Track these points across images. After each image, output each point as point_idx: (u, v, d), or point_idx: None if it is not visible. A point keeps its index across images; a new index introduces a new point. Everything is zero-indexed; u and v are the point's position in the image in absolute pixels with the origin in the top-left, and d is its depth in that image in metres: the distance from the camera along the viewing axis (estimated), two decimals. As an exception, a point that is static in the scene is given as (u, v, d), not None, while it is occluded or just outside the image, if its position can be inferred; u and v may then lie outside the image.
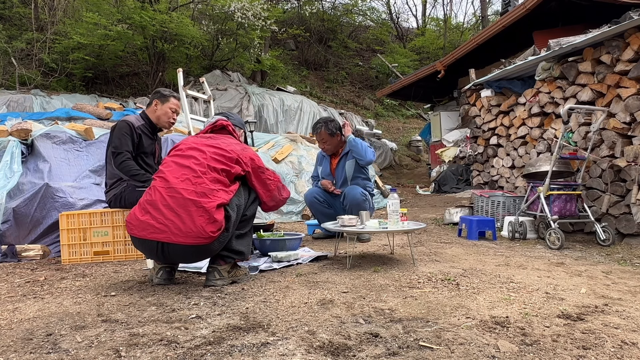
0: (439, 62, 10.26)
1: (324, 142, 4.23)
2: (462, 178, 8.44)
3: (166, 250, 2.42)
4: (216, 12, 12.95)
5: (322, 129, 4.18)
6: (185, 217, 2.37)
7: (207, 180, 2.45)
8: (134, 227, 2.46)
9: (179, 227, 2.36)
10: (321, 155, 4.47)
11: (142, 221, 2.43)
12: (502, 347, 1.64)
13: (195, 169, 2.49)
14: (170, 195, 2.43)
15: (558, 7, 7.55)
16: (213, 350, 1.63)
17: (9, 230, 3.86)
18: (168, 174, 2.51)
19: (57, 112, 7.56)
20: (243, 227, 2.64)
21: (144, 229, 2.42)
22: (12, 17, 13.15)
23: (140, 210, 2.47)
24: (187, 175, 2.48)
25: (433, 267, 3.01)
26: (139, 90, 13.56)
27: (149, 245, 2.43)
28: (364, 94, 18.23)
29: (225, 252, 2.57)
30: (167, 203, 2.41)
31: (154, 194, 2.48)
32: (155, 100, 3.55)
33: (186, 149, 2.63)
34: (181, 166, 2.53)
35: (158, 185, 2.50)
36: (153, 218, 2.41)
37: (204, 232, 2.35)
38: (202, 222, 2.35)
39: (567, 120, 4.10)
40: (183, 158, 2.58)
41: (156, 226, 2.39)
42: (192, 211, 2.37)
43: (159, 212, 2.41)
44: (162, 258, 2.51)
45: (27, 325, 1.99)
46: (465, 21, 25.69)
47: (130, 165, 3.33)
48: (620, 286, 2.55)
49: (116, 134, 3.38)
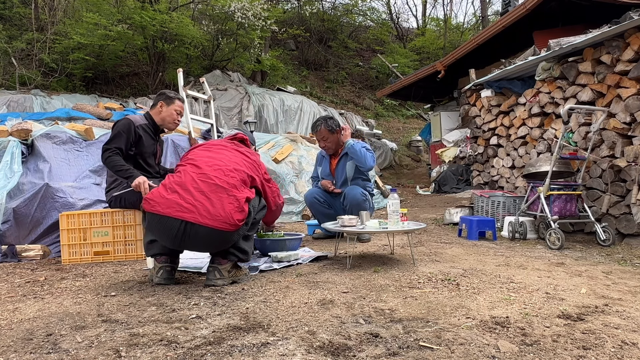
0: (439, 62, 10.27)
1: (325, 140, 4.21)
2: (462, 178, 8.45)
3: (188, 232, 2.40)
4: (216, 12, 12.96)
5: (322, 126, 4.17)
6: (215, 201, 2.43)
7: (237, 176, 2.58)
8: (157, 204, 2.43)
9: (207, 209, 2.40)
10: (321, 156, 4.46)
11: (168, 199, 2.43)
12: (502, 347, 1.64)
13: (227, 163, 2.63)
14: (202, 180, 2.50)
15: (558, 7, 7.55)
16: (213, 351, 1.63)
17: (9, 231, 3.86)
18: (200, 162, 2.61)
19: (57, 112, 7.55)
20: (250, 230, 2.71)
21: (169, 206, 2.41)
22: (12, 17, 13.16)
23: (166, 190, 2.48)
24: (219, 166, 2.59)
25: (433, 267, 3.01)
26: (139, 90, 13.57)
27: (171, 224, 2.41)
28: (364, 94, 18.23)
29: (232, 249, 2.60)
30: (197, 186, 2.47)
31: (185, 176, 2.52)
32: (160, 102, 3.55)
33: (216, 148, 2.77)
34: (213, 158, 2.66)
35: (189, 170, 2.56)
36: (181, 197, 2.43)
37: (232, 218, 2.41)
38: (232, 209, 2.43)
39: (567, 121, 4.10)
40: (214, 153, 2.72)
41: (184, 205, 2.41)
42: (223, 197, 2.45)
43: (188, 192, 2.45)
44: (179, 241, 2.46)
45: (27, 325, 1.99)
46: (466, 21, 25.74)
47: (116, 160, 3.23)
48: (620, 286, 2.55)
49: (113, 131, 3.38)
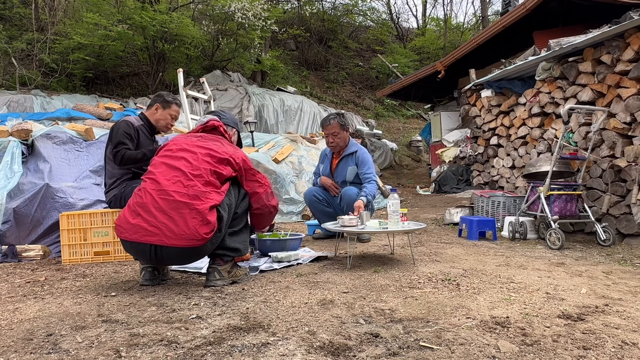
0: (439, 62, 10.26)
1: (335, 136, 4.14)
2: (463, 178, 8.45)
3: (159, 253, 2.40)
4: (216, 13, 12.96)
5: (336, 120, 4.13)
6: (178, 219, 2.35)
7: (198, 183, 2.44)
8: (125, 230, 2.42)
9: (171, 229, 2.34)
10: (324, 154, 4.45)
11: (133, 224, 2.39)
12: (503, 348, 1.64)
13: (186, 172, 2.46)
14: (162, 198, 2.40)
15: (558, 7, 7.55)
16: (213, 351, 1.63)
17: (9, 231, 3.86)
18: (159, 176, 2.48)
19: (58, 113, 7.57)
20: (236, 225, 2.63)
21: (135, 232, 2.39)
22: (12, 18, 13.16)
23: (131, 213, 2.43)
24: (178, 177, 2.45)
25: (433, 267, 3.01)
26: (139, 90, 13.57)
27: (142, 248, 2.41)
28: (364, 94, 18.23)
29: (221, 251, 2.56)
30: (158, 205, 2.38)
31: (145, 197, 2.43)
32: (157, 104, 3.56)
33: (177, 149, 2.60)
34: (172, 167, 2.50)
35: (149, 187, 2.46)
36: (145, 221, 2.38)
37: (198, 234, 2.34)
38: (195, 224, 2.34)
39: (567, 121, 4.10)
40: (173, 159, 2.54)
41: (148, 229, 2.36)
42: (184, 213, 2.36)
43: (150, 214, 2.38)
44: (156, 261, 2.49)
45: (27, 325, 1.99)
46: (466, 21, 25.72)
47: (131, 154, 3.32)
48: (620, 286, 2.55)
49: (117, 134, 3.38)
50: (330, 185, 4.20)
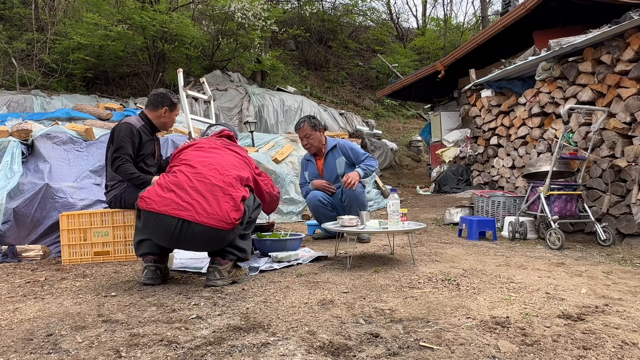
0: (439, 62, 10.26)
1: (307, 138, 4.20)
2: (463, 178, 8.45)
3: (184, 230, 2.40)
4: (216, 13, 12.95)
5: (305, 123, 4.20)
6: (212, 199, 2.44)
7: (231, 176, 2.58)
8: (153, 202, 2.42)
9: (204, 207, 2.40)
10: (305, 161, 4.44)
11: (165, 197, 2.43)
12: (503, 348, 1.64)
13: (221, 163, 2.62)
14: (198, 179, 2.49)
15: (558, 7, 7.55)
16: (213, 351, 1.63)
17: (9, 231, 3.86)
18: (194, 162, 2.60)
19: (58, 113, 7.56)
20: (247, 229, 2.71)
21: (166, 204, 2.41)
22: (12, 18, 13.15)
23: (162, 189, 2.47)
24: (214, 166, 2.59)
25: (433, 267, 3.01)
26: (140, 90, 13.56)
27: (167, 222, 2.39)
28: (364, 94, 18.23)
29: (229, 248, 2.60)
30: (193, 185, 2.47)
31: (180, 176, 2.51)
32: (165, 108, 3.52)
33: (208, 147, 2.76)
34: (207, 158, 2.65)
35: (184, 169, 2.56)
36: (177, 196, 2.43)
37: (229, 217, 2.42)
38: (228, 208, 2.44)
39: (567, 121, 4.10)
40: (207, 152, 2.71)
41: (180, 203, 2.41)
42: (219, 196, 2.45)
43: (184, 191, 2.45)
44: (176, 240, 2.46)
45: (27, 325, 1.99)
46: (466, 21, 25.69)
47: (127, 168, 3.31)
48: (620, 286, 2.55)
49: (118, 137, 3.37)
50: (325, 185, 4.19)
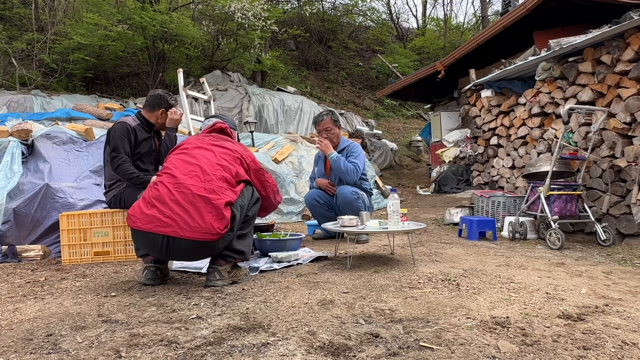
0: (439, 63, 10.26)
1: (328, 131, 4.17)
2: (463, 178, 8.44)
3: (171, 246, 2.39)
4: (216, 13, 12.96)
5: (328, 115, 4.20)
6: (193, 212, 2.37)
7: (215, 178, 2.48)
8: (138, 220, 2.42)
9: (187, 222, 2.35)
10: (318, 156, 4.48)
11: (147, 214, 2.39)
12: (503, 348, 1.64)
13: (203, 167, 2.51)
14: (179, 191, 2.42)
15: (558, 7, 7.55)
16: (213, 351, 1.63)
17: (9, 231, 3.86)
18: (175, 171, 2.52)
19: (58, 113, 7.57)
20: (244, 228, 2.66)
21: (149, 222, 2.38)
22: (12, 18, 13.15)
23: (146, 205, 2.44)
24: (195, 172, 2.49)
25: (433, 267, 3.01)
26: (139, 90, 13.57)
27: (154, 239, 2.40)
28: (364, 94, 18.23)
29: (227, 252, 2.57)
30: (174, 198, 2.40)
31: (161, 189, 2.45)
32: (162, 109, 3.55)
33: (192, 148, 2.66)
34: (189, 163, 2.55)
35: (165, 180, 2.49)
36: (160, 212, 2.38)
37: (212, 228, 2.35)
38: (211, 219, 2.36)
39: (567, 121, 4.10)
40: (190, 156, 2.60)
41: (163, 220, 2.36)
42: (200, 207, 2.37)
43: (166, 206, 2.39)
44: (165, 254, 2.47)
45: (27, 325, 1.99)
46: (466, 21, 25.71)
47: (127, 168, 3.33)
48: (620, 286, 2.55)
49: (114, 137, 3.38)
50: (327, 185, 4.20)
